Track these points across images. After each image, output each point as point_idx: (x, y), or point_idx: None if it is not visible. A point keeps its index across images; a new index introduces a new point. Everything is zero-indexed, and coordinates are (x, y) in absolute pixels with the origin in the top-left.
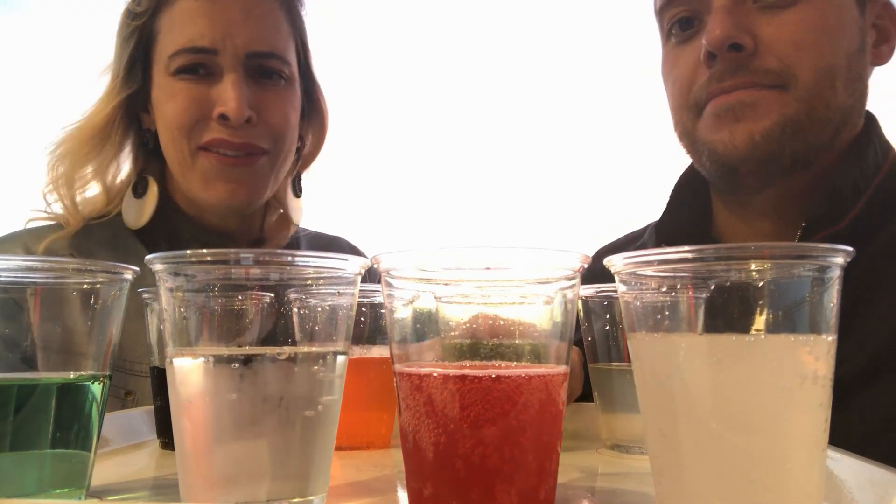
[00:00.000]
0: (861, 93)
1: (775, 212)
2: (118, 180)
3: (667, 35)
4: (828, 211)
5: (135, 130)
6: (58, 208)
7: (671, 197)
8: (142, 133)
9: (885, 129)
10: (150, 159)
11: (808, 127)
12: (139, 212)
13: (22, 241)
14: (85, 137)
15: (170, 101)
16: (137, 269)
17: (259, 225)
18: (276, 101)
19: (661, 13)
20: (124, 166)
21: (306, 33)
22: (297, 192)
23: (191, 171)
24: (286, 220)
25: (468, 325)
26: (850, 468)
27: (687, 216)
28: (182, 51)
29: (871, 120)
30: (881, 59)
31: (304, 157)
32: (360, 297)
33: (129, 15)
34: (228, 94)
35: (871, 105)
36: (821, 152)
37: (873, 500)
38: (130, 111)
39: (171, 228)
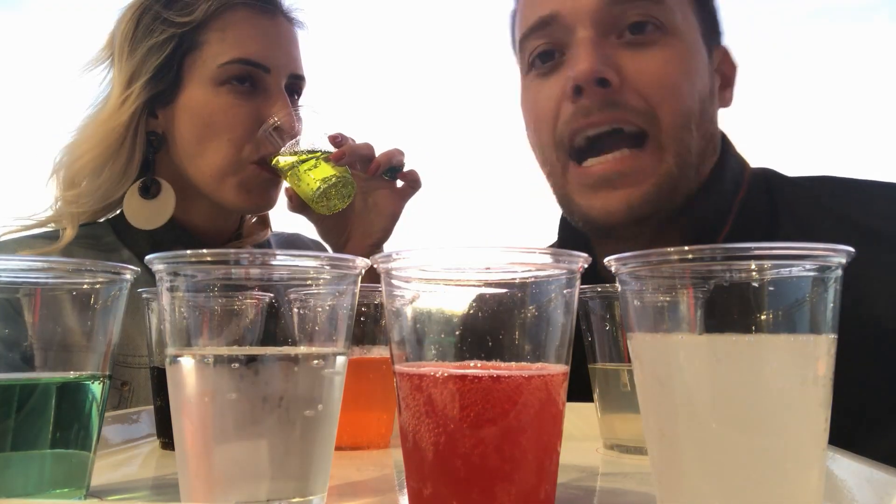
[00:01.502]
0: (713, 134)
1: (651, 246)
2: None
3: (527, 67)
4: (697, 239)
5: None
6: (57, 214)
7: (558, 231)
8: (147, 135)
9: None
10: (157, 161)
11: (678, 180)
12: (155, 213)
13: (10, 251)
14: (105, 139)
15: (220, 113)
16: (137, 269)
17: (236, 225)
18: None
19: (521, 45)
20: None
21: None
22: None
23: (228, 179)
24: (264, 222)
25: None
26: (850, 468)
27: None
28: (237, 61)
29: (724, 142)
30: (726, 103)
31: None
32: (360, 297)
33: (166, 22)
34: (284, 109)
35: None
36: (686, 192)
37: (873, 500)
38: (143, 113)
39: (156, 231)
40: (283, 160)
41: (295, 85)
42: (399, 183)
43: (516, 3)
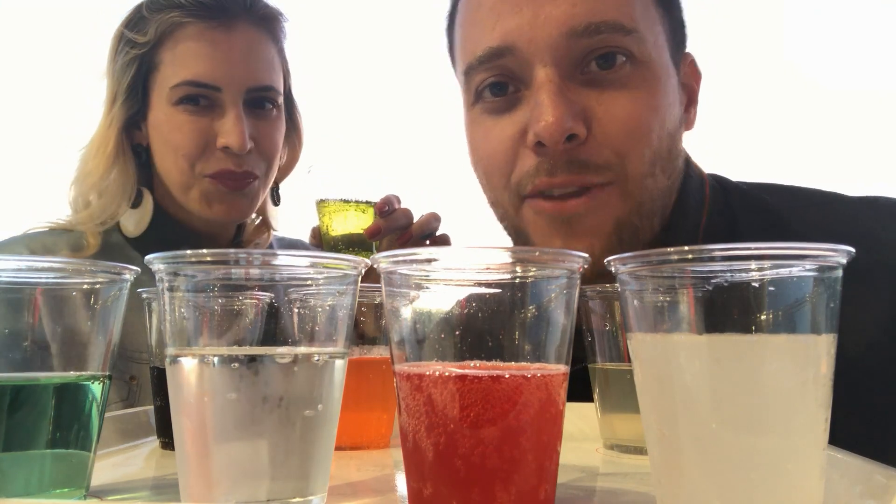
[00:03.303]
0: (678, 169)
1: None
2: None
3: (474, 97)
4: None
5: (130, 146)
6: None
7: None
8: (134, 148)
9: None
10: (142, 171)
11: (638, 225)
12: (138, 221)
13: (29, 246)
14: (98, 158)
15: (175, 131)
16: (138, 269)
17: (233, 229)
18: (269, 130)
19: (466, 74)
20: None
21: (287, 59)
22: (276, 201)
23: (191, 191)
24: (265, 225)
25: None
26: (850, 468)
27: None
28: (185, 83)
29: (686, 163)
30: (689, 126)
31: (282, 169)
32: (360, 297)
33: (129, 43)
34: (232, 129)
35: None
36: (650, 237)
37: (873, 500)
38: (127, 129)
39: (161, 232)
40: (321, 199)
41: (259, 97)
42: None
43: (454, 9)
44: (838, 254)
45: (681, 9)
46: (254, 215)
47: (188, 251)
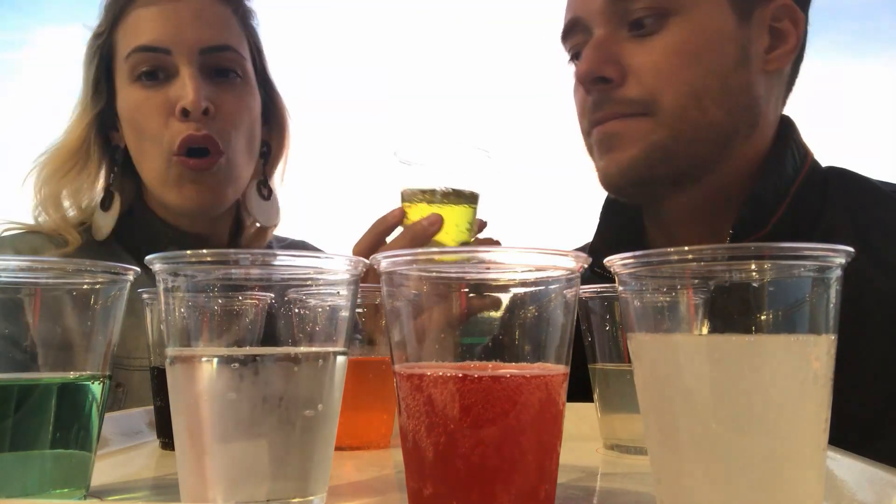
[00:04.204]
0: (747, 104)
1: (695, 220)
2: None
3: (570, 59)
4: (751, 217)
5: (106, 148)
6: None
7: (602, 214)
8: (111, 150)
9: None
10: (122, 175)
11: (675, 149)
12: (106, 224)
13: (17, 248)
14: (64, 157)
15: (135, 111)
16: (138, 269)
17: (229, 229)
18: (233, 96)
19: (563, 40)
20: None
21: (260, 40)
22: (265, 195)
23: (165, 178)
24: (263, 233)
25: None
26: (850, 468)
27: (619, 228)
28: (135, 50)
29: (787, 125)
30: (777, 63)
31: (270, 161)
32: (360, 297)
33: (92, 38)
34: (186, 88)
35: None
36: (712, 165)
37: (873, 500)
38: (101, 130)
39: (150, 234)
40: (410, 192)
41: (214, 59)
42: None
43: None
44: (838, 254)
45: None
46: (249, 221)
47: (188, 251)
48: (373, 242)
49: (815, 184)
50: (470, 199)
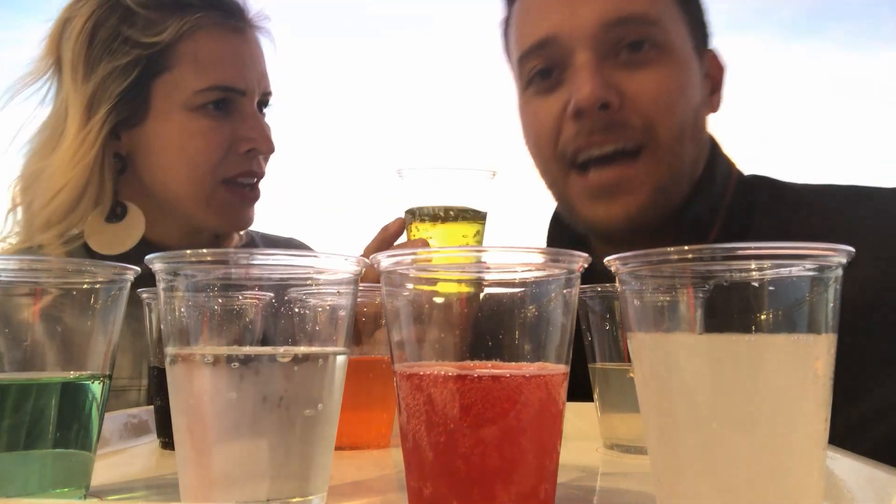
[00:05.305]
0: (704, 141)
1: (640, 240)
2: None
3: (525, 83)
4: (693, 238)
5: (116, 161)
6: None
7: (550, 230)
8: (115, 160)
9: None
10: (120, 182)
11: (671, 188)
12: (124, 237)
13: None
14: (75, 181)
15: (194, 138)
16: (138, 269)
17: (210, 242)
18: (269, 132)
19: (519, 63)
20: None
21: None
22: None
23: (207, 202)
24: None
25: None
26: (850, 468)
27: (566, 245)
28: (214, 88)
29: (713, 145)
30: (715, 108)
31: None
32: (359, 297)
33: (129, 43)
34: (260, 132)
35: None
36: (679, 199)
37: (873, 500)
38: (108, 144)
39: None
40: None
41: (264, 100)
42: None
43: (509, 14)
44: (838, 254)
45: (702, 10)
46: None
47: (188, 251)
48: (378, 250)
49: (742, 195)
50: (475, 217)
